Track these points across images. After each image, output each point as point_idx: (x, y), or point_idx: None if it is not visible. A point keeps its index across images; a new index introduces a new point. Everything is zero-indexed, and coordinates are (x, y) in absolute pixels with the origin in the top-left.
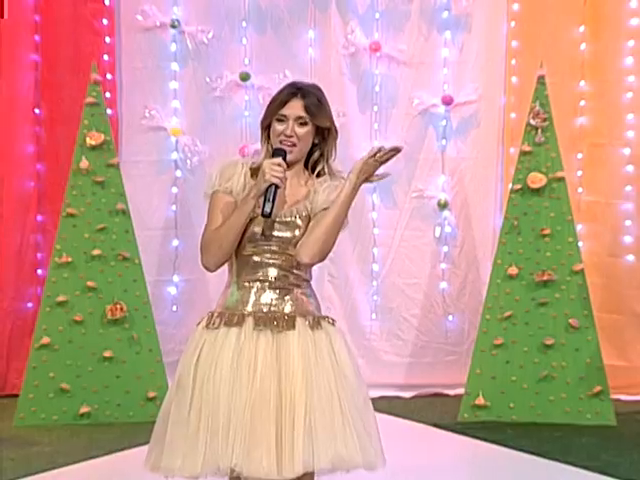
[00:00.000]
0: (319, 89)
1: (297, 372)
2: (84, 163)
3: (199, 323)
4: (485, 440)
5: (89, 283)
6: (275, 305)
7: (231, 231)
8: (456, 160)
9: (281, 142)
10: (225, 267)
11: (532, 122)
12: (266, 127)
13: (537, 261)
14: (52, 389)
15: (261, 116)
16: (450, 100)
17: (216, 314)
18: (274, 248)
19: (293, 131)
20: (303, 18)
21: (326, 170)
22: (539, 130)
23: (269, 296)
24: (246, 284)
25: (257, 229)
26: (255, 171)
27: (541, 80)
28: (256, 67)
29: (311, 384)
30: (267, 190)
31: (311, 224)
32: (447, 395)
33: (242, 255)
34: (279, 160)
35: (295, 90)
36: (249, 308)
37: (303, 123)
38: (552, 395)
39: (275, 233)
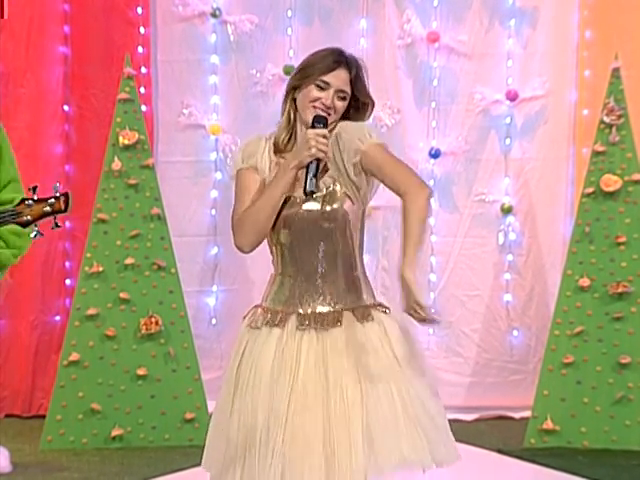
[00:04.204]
0: (361, 61)
1: (346, 371)
2: (116, 164)
3: (245, 316)
4: (554, 468)
5: (122, 294)
6: (320, 300)
7: (267, 205)
8: (521, 161)
9: (314, 108)
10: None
11: (606, 119)
12: (293, 89)
13: (611, 272)
14: (81, 410)
15: (292, 77)
16: (515, 95)
17: (260, 310)
18: (313, 228)
19: (333, 103)
20: (354, 6)
21: None
22: (613, 128)
23: (313, 290)
24: (287, 277)
25: (292, 210)
26: (277, 147)
27: (616, 73)
28: (302, 60)
29: (365, 382)
30: (309, 164)
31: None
32: (512, 418)
33: (280, 243)
34: (325, 131)
35: (342, 59)
36: (292, 305)
37: (343, 97)
38: (628, 419)
39: (312, 210)
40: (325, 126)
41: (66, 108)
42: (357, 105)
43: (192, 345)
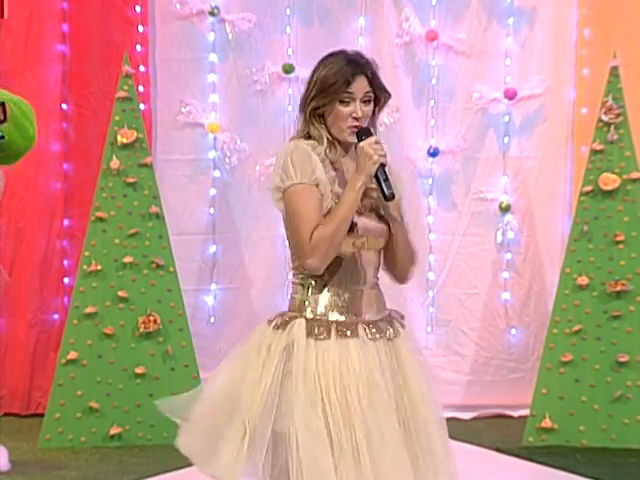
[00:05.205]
0: (371, 58)
1: (414, 384)
2: (115, 163)
3: (278, 326)
4: (552, 466)
5: (120, 293)
6: (377, 308)
7: (344, 226)
8: (520, 159)
9: (349, 127)
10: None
11: (604, 118)
12: (312, 111)
13: (610, 270)
14: (80, 408)
15: (310, 98)
16: (513, 94)
17: (323, 324)
18: (371, 241)
19: (362, 111)
20: (352, 5)
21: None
22: (612, 126)
23: (370, 298)
24: (347, 286)
25: (360, 221)
26: (331, 162)
27: (614, 71)
28: (300, 58)
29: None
30: (376, 173)
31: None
32: (510, 417)
33: (340, 252)
34: (375, 137)
35: (357, 67)
36: (358, 315)
37: (368, 100)
38: (627, 417)
39: (371, 224)
40: (370, 134)
41: (64, 106)
42: (375, 101)
43: (190, 344)
